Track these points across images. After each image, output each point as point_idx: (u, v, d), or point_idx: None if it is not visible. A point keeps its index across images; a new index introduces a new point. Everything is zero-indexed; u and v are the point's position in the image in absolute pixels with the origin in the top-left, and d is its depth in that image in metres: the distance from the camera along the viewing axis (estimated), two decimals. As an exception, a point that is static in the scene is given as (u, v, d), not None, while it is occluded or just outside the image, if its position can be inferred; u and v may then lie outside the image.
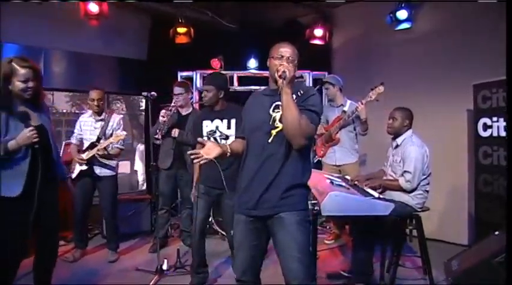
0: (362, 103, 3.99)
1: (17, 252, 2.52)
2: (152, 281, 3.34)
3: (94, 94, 3.92)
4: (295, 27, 5.92)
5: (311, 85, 5.68)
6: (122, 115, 4.17)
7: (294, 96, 2.09)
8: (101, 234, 4.63)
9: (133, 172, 8.52)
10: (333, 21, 5.94)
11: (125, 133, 3.79)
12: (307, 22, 5.92)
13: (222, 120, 3.25)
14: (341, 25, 5.93)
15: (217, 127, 3.24)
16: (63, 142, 5.06)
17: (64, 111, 16.86)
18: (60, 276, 3.35)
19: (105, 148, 3.76)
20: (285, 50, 2.17)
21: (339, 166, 4.35)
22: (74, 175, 3.87)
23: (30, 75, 2.49)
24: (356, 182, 3.20)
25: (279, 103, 2.09)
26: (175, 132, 4.09)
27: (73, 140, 4.02)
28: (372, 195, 2.87)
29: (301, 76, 5.77)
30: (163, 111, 4.04)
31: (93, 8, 4.78)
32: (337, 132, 4.32)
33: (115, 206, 4.05)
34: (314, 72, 5.70)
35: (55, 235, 2.80)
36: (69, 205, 4.22)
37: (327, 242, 4.47)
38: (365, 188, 3.09)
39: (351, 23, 5.71)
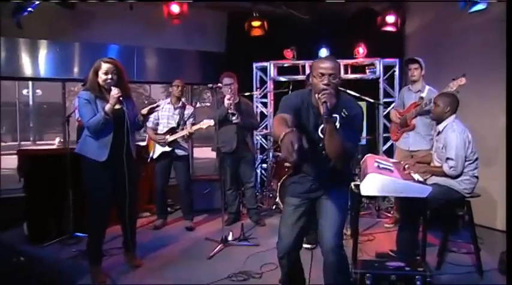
0: None
1: (105, 202, 3.17)
2: (216, 249, 3.82)
3: (177, 82, 4.58)
4: (367, 15, 5.93)
5: (382, 72, 5.71)
6: (193, 108, 4.73)
7: (338, 117, 2.24)
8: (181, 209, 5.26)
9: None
10: (406, 8, 5.84)
11: (212, 121, 4.27)
12: (379, 9, 5.89)
13: None
14: (414, 11, 5.80)
15: None
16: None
17: (161, 100, 18.45)
18: (144, 240, 4.07)
19: (190, 134, 4.35)
20: (325, 67, 2.20)
21: (412, 151, 4.32)
22: (155, 156, 4.51)
23: (111, 69, 3.09)
24: (406, 167, 3.31)
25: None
26: (238, 118, 4.47)
27: (149, 124, 4.52)
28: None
29: (372, 64, 5.81)
30: (228, 95, 4.45)
31: (175, 8, 5.37)
32: (413, 118, 4.28)
33: (188, 180, 4.66)
34: (385, 59, 5.70)
35: (135, 196, 3.33)
36: (154, 182, 4.90)
37: (386, 225, 4.55)
38: (411, 172, 3.19)
39: (424, 8, 5.56)
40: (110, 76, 3.08)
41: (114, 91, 3.05)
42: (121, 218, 3.35)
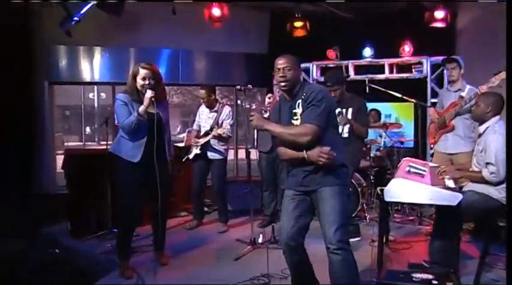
0: (482, 89, 3.68)
1: (136, 202, 3.29)
2: (245, 250, 3.82)
3: (201, 92, 4.60)
4: (413, 11, 5.63)
5: (429, 71, 5.39)
6: (230, 108, 4.74)
7: (300, 101, 2.51)
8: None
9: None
10: (457, 1, 5.47)
11: (229, 124, 4.35)
12: (427, 4, 5.57)
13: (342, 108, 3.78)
14: (467, 4, 5.42)
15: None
16: (187, 130, 5.81)
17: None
18: (177, 239, 4.19)
19: (219, 135, 4.39)
20: (279, 62, 2.57)
21: (451, 154, 4.07)
22: (191, 156, 4.61)
23: (148, 75, 3.19)
24: (443, 172, 3.10)
25: (295, 111, 2.54)
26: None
27: (194, 126, 4.77)
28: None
29: (419, 62, 5.51)
30: (270, 94, 4.43)
31: (216, 11, 5.46)
32: (452, 119, 4.04)
33: (224, 185, 4.67)
34: (432, 57, 5.37)
35: (165, 196, 3.40)
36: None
37: (427, 233, 4.27)
38: (445, 178, 2.98)
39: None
40: (147, 81, 3.18)
41: (148, 93, 3.15)
42: (152, 217, 3.47)
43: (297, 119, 2.53)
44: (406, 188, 2.70)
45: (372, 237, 3.69)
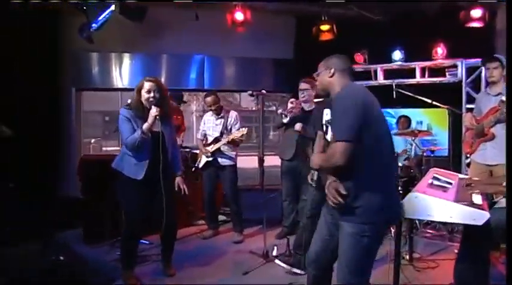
0: None
1: (137, 218, 3.20)
2: (256, 264, 3.63)
3: (208, 99, 4.47)
4: (447, 10, 5.27)
5: (464, 74, 5.00)
6: (236, 112, 4.61)
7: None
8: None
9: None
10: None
11: (246, 129, 4.22)
12: (463, 3, 5.19)
13: None
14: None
15: None
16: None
17: (253, 108, 18.75)
18: (189, 249, 4.09)
19: (232, 141, 4.26)
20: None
21: (490, 165, 3.70)
22: (200, 165, 4.52)
23: (153, 88, 3.11)
24: (472, 185, 2.78)
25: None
26: (299, 126, 4.26)
27: (198, 135, 4.69)
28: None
29: (453, 65, 5.13)
30: (292, 99, 4.27)
31: (239, 16, 5.36)
32: (492, 126, 3.66)
33: (236, 192, 4.51)
34: (468, 60, 4.98)
35: (171, 210, 3.28)
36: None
37: (456, 251, 3.91)
38: (474, 193, 2.66)
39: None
40: (152, 94, 3.11)
41: (153, 110, 3.07)
42: (159, 230, 3.35)
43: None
44: (423, 203, 2.41)
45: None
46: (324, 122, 3.28)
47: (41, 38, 4.97)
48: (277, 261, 3.46)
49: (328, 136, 3.17)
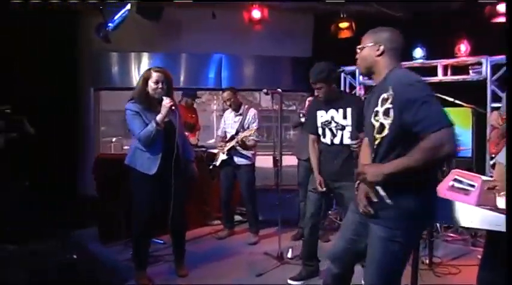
0: None
1: (150, 214, 3.17)
2: (270, 266, 3.57)
3: (224, 94, 4.44)
4: (470, 6, 5.07)
5: (489, 72, 4.80)
6: (255, 110, 4.53)
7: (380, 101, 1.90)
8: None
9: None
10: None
11: (255, 127, 4.17)
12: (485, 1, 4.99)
13: (337, 110, 3.19)
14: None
15: (332, 118, 3.21)
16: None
17: (274, 108, 18.65)
18: (204, 249, 4.07)
19: (242, 140, 4.21)
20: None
21: None
22: (217, 163, 4.46)
23: (161, 79, 3.07)
24: (497, 188, 2.65)
25: (377, 109, 1.93)
26: None
27: (219, 132, 4.65)
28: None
29: (478, 63, 4.92)
30: (310, 98, 4.22)
31: (256, 14, 5.31)
32: None
33: (252, 192, 4.43)
34: (493, 57, 4.76)
35: (182, 204, 3.27)
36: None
37: (480, 256, 3.75)
38: (498, 196, 2.53)
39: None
40: (160, 85, 3.06)
41: (166, 101, 3.01)
42: (170, 228, 3.34)
43: (377, 120, 1.93)
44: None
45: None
46: (320, 124, 3.23)
47: (41, 38, 4.92)
48: (289, 281, 3.32)
49: (327, 139, 3.05)
